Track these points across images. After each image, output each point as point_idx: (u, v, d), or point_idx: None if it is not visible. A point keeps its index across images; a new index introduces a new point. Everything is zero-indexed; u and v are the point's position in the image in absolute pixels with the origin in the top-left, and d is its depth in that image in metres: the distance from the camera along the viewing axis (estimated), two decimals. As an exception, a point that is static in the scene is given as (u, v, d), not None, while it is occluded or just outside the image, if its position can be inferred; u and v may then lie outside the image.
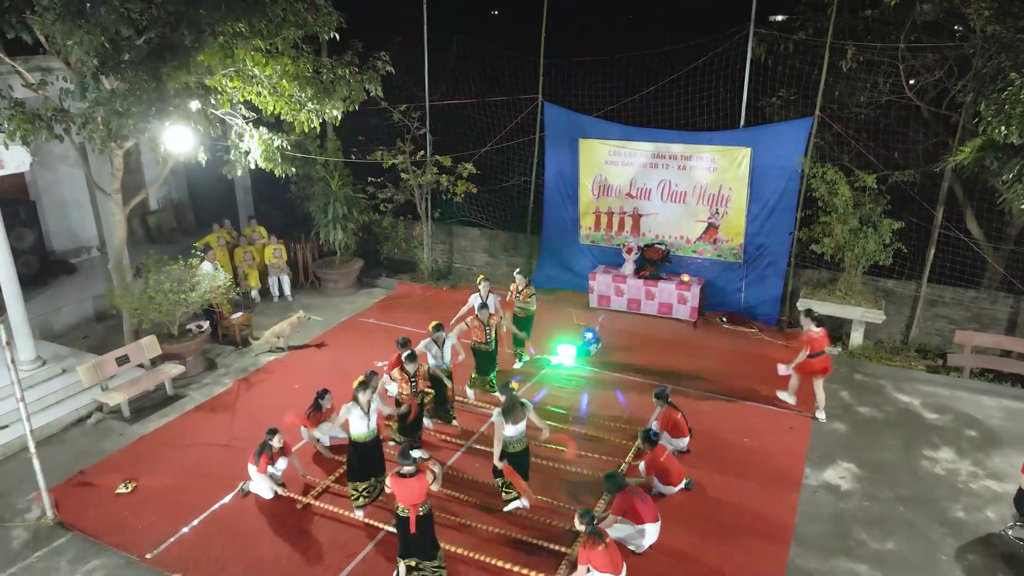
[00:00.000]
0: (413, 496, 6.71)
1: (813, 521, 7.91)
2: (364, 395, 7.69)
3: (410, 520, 6.71)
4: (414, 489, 6.70)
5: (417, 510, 6.74)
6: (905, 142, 11.79)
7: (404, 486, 6.69)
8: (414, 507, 6.72)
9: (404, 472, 6.68)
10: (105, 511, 8.12)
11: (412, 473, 6.68)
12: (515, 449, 7.87)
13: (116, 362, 10.24)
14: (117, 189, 10.84)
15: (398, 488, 6.70)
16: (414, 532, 6.73)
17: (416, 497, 6.72)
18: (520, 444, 7.88)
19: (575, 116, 13.52)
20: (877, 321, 11.45)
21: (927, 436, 9.54)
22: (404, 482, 6.68)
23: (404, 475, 6.68)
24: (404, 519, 6.77)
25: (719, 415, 9.99)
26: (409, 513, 6.72)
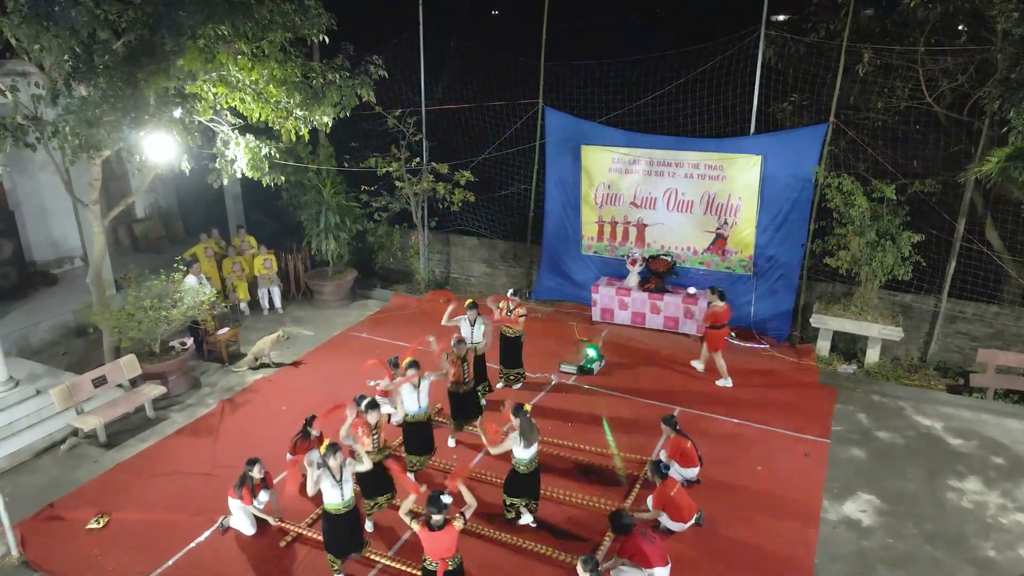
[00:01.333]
0: (443, 550, 6.17)
1: (834, 561, 7.36)
2: (335, 460, 6.62)
3: (438, 574, 6.19)
4: (444, 542, 6.15)
5: (447, 564, 6.20)
6: (924, 150, 11.23)
7: (433, 540, 6.13)
8: (443, 561, 6.19)
9: (433, 524, 6.09)
10: (74, 549, 7.58)
11: (441, 525, 6.10)
12: (526, 470, 7.55)
13: (92, 383, 9.69)
14: (95, 200, 10.29)
15: (427, 541, 6.15)
16: None
17: (446, 550, 6.17)
18: (531, 466, 7.58)
19: (577, 122, 12.97)
20: (895, 338, 10.90)
21: (951, 464, 8.99)
22: (433, 536, 6.11)
23: (433, 527, 6.09)
24: (432, 572, 6.24)
25: (730, 440, 9.44)
26: (437, 567, 6.19)
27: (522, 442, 7.34)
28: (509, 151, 13.64)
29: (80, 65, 8.29)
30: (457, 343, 8.95)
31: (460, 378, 9.03)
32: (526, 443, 7.38)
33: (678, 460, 8.34)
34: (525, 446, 7.39)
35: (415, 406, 8.18)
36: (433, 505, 6.05)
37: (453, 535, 6.17)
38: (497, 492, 8.01)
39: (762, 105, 11.74)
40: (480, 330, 9.89)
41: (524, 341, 10.57)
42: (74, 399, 9.45)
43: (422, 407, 8.21)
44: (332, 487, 6.67)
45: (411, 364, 8.14)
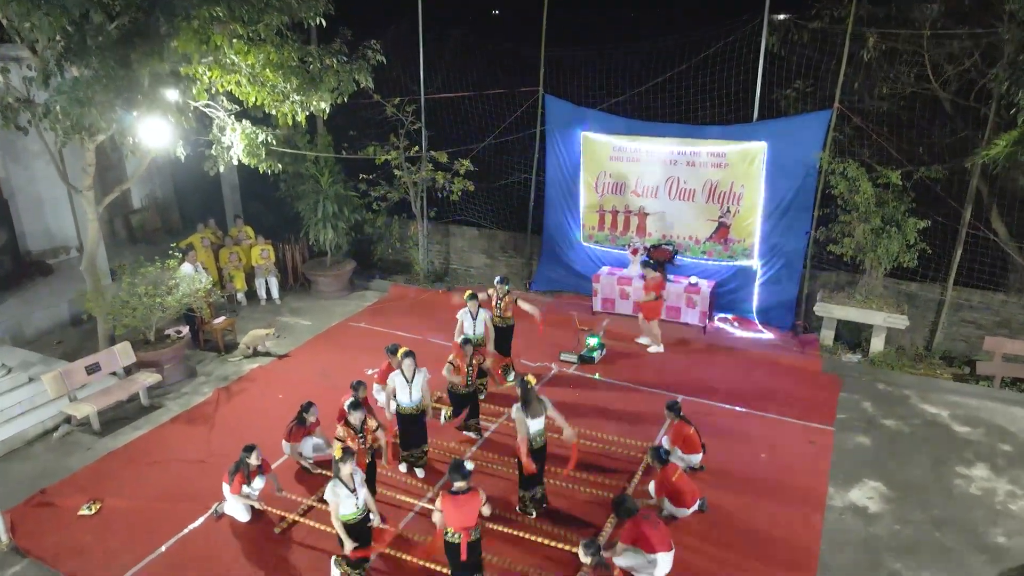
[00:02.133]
0: (466, 518, 6.06)
1: (841, 548, 7.20)
2: (347, 466, 6.26)
3: (461, 546, 6.06)
4: (467, 509, 6.05)
5: (469, 535, 6.09)
6: (930, 137, 11.07)
7: (457, 506, 6.03)
8: (466, 531, 6.07)
9: (456, 489, 6.03)
10: (65, 535, 7.43)
11: (465, 490, 6.03)
12: (534, 447, 7.37)
13: (86, 371, 9.55)
14: (89, 186, 10.14)
15: (450, 508, 6.04)
16: (464, 559, 6.09)
17: (469, 519, 6.07)
18: (538, 442, 7.38)
19: (578, 110, 12.82)
20: (900, 326, 10.74)
21: (959, 451, 8.83)
22: (457, 501, 6.03)
23: (456, 492, 6.03)
24: (455, 545, 6.10)
25: (733, 428, 9.29)
26: (460, 538, 6.05)
27: (526, 412, 7.17)
28: (510, 137, 13.46)
29: (72, 46, 8.16)
30: (464, 343, 8.64)
31: (463, 382, 8.67)
32: (530, 414, 7.21)
33: (681, 446, 8.19)
34: (529, 416, 7.21)
35: (407, 399, 7.95)
36: (456, 472, 6.02)
37: (476, 503, 6.08)
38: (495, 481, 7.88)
39: (765, 92, 11.59)
40: (483, 322, 9.74)
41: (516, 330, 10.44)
42: (67, 386, 9.31)
43: (414, 400, 7.97)
44: (348, 496, 6.28)
45: (406, 354, 7.94)
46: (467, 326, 9.73)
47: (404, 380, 7.91)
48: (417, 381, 7.93)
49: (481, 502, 6.14)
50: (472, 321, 9.72)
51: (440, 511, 6.12)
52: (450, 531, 6.11)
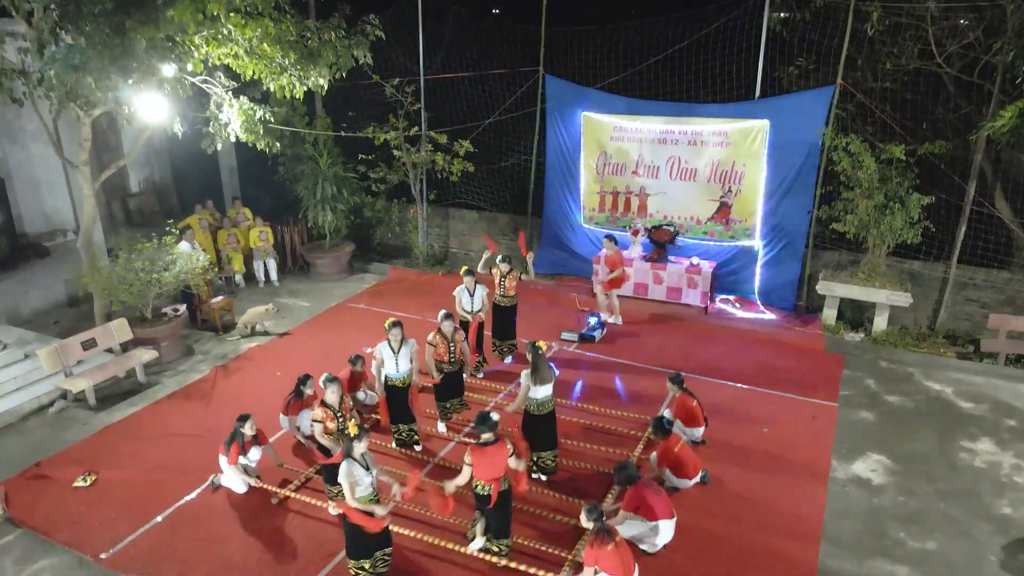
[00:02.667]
0: (494, 469, 6.12)
1: (844, 518, 7.11)
2: (361, 444, 6.00)
3: (491, 497, 6.14)
4: (496, 460, 6.12)
5: (499, 485, 6.17)
6: (933, 113, 10.96)
7: (485, 457, 6.09)
8: (496, 482, 6.14)
9: (484, 441, 6.10)
10: (60, 506, 7.35)
11: (492, 441, 6.10)
12: (540, 412, 7.36)
13: (82, 346, 9.46)
14: (85, 161, 10.06)
15: (478, 460, 6.09)
16: (492, 508, 6.20)
17: (497, 470, 6.14)
18: (546, 407, 7.36)
19: (578, 89, 12.72)
20: (904, 304, 10.64)
21: (963, 426, 8.74)
22: (485, 452, 6.09)
23: (484, 444, 6.10)
24: (485, 496, 6.17)
25: (735, 403, 9.20)
26: (490, 490, 6.12)
27: (534, 379, 7.10)
28: (510, 115, 13.34)
29: (67, 13, 8.07)
30: (445, 318, 8.36)
31: (446, 358, 8.36)
32: (538, 380, 7.16)
33: (683, 419, 8.10)
34: (537, 383, 7.15)
35: (394, 370, 7.85)
36: (483, 423, 6.10)
37: (504, 453, 6.14)
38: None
39: (767, 70, 11.49)
40: (480, 298, 9.64)
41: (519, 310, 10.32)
42: (62, 361, 9.21)
43: (401, 372, 7.86)
44: (364, 476, 5.96)
45: (393, 324, 7.83)
46: (464, 302, 9.63)
47: (391, 351, 7.81)
48: (404, 352, 7.83)
49: (508, 453, 6.19)
50: (469, 298, 9.62)
51: (469, 464, 6.12)
52: (480, 483, 6.16)
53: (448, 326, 8.32)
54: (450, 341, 8.35)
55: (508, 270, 9.99)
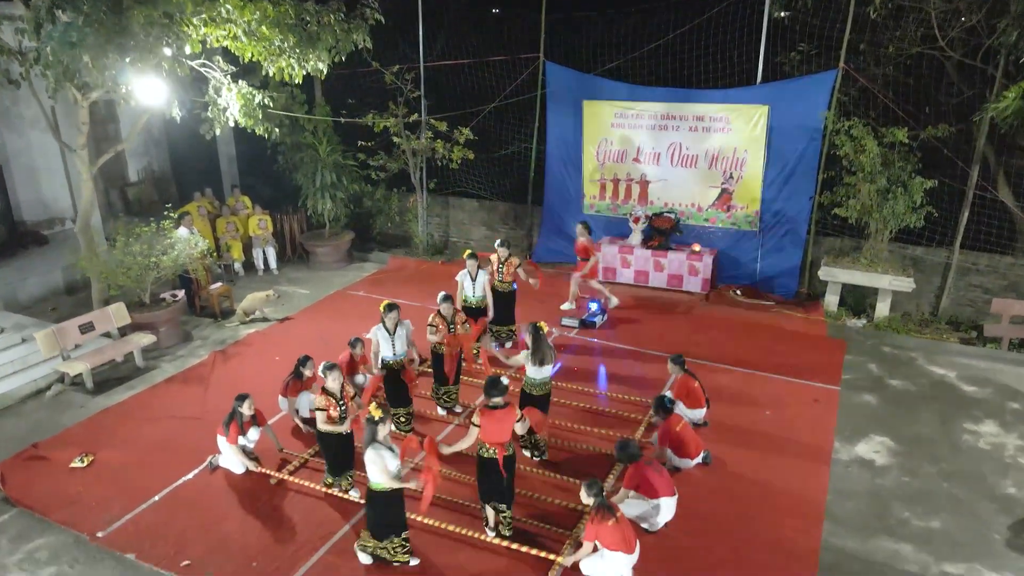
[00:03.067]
0: (502, 433, 6.17)
1: (847, 498, 7.05)
2: (384, 427, 5.82)
3: (498, 461, 6.15)
4: (504, 425, 6.17)
5: (505, 449, 6.20)
6: (936, 97, 10.90)
7: (494, 420, 6.13)
8: (501, 446, 6.17)
9: (493, 405, 6.14)
10: (56, 486, 7.28)
11: (502, 405, 6.16)
12: (537, 392, 7.33)
13: (79, 330, 9.40)
14: (83, 144, 9.99)
15: (488, 423, 6.12)
16: (496, 476, 6.21)
17: (504, 434, 6.18)
18: (542, 388, 7.32)
19: (579, 76, 12.66)
20: (906, 289, 10.58)
21: (967, 409, 8.68)
22: (494, 416, 6.13)
23: (494, 408, 6.14)
24: (490, 460, 6.19)
25: (737, 387, 9.15)
26: (496, 453, 6.15)
27: (533, 359, 7.05)
28: (513, 99, 13.24)
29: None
30: (443, 300, 8.21)
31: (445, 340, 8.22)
32: (537, 360, 7.10)
33: (684, 400, 8.05)
34: (537, 364, 7.10)
35: (389, 352, 7.75)
36: (494, 387, 6.13)
37: (512, 418, 6.21)
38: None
39: (769, 55, 11.43)
40: (482, 283, 9.55)
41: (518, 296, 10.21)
42: (60, 344, 9.16)
43: (397, 354, 7.76)
44: (392, 458, 5.81)
45: (389, 307, 7.70)
46: (466, 287, 9.56)
47: (386, 333, 7.72)
48: (400, 334, 7.73)
49: (516, 418, 6.26)
50: (472, 283, 9.53)
51: (477, 425, 6.15)
52: (485, 447, 6.18)
53: (447, 308, 8.20)
54: (450, 323, 8.23)
55: (507, 255, 9.92)
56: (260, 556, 6.31)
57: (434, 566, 6.19)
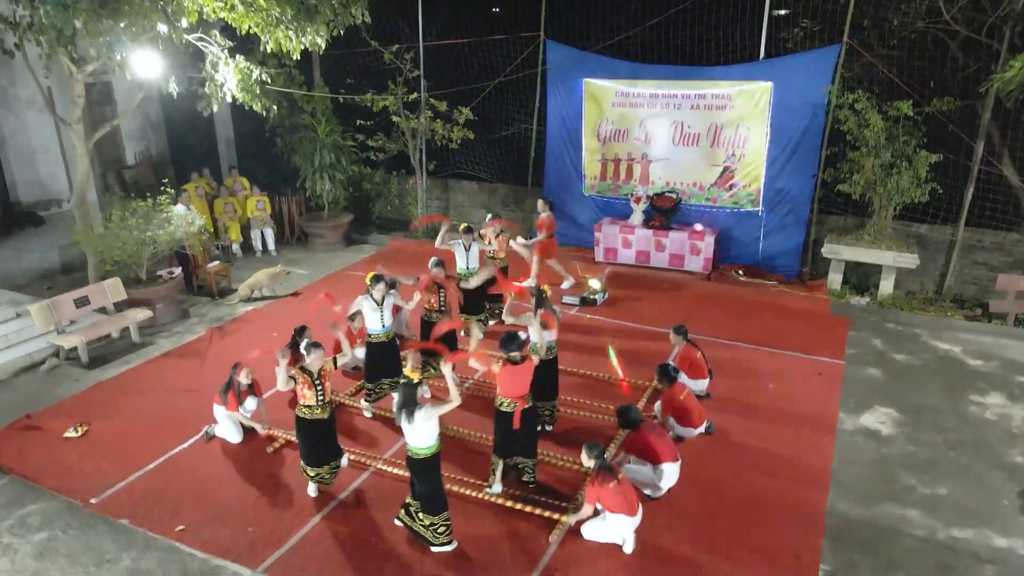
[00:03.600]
0: (521, 387, 6.20)
1: (852, 466, 6.95)
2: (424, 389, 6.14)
3: (515, 415, 6.15)
4: (523, 379, 6.20)
5: (525, 402, 6.24)
6: (941, 72, 10.76)
7: (513, 375, 6.15)
8: (521, 399, 6.21)
9: (511, 359, 6.12)
10: (50, 455, 7.18)
11: (519, 360, 6.14)
12: (549, 356, 7.07)
13: (74, 304, 9.29)
14: (78, 118, 9.89)
15: (507, 377, 6.14)
16: (518, 428, 6.18)
17: (524, 388, 6.22)
18: (548, 354, 7.12)
19: (580, 55, 12.54)
20: (911, 266, 10.47)
21: (972, 382, 8.57)
22: (513, 370, 6.13)
23: (512, 362, 6.13)
24: (508, 415, 6.19)
25: (739, 361, 9.04)
26: (515, 407, 6.17)
27: (538, 322, 6.92)
28: (514, 76, 13.10)
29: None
30: (435, 265, 8.07)
31: (435, 305, 8.12)
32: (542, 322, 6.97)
33: (687, 371, 7.93)
34: (544, 328, 6.95)
35: (377, 325, 7.42)
36: (511, 342, 6.11)
37: (530, 371, 6.22)
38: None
39: (772, 32, 11.31)
40: (476, 256, 9.40)
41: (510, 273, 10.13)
42: (54, 317, 9.05)
43: (385, 326, 7.46)
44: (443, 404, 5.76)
45: (376, 278, 7.38)
46: (459, 259, 9.34)
47: (374, 304, 7.40)
48: (388, 305, 7.45)
49: (532, 372, 6.27)
50: (465, 254, 9.34)
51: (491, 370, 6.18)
52: (505, 401, 6.20)
53: (439, 272, 8.07)
54: (440, 286, 8.08)
55: (499, 230, 9.79)
56: (256, 521, 6.21)
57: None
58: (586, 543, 5.88)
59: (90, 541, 6.01)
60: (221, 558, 5.79)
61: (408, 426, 5.56)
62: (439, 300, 8.18)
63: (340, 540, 5.98)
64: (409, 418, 5.52)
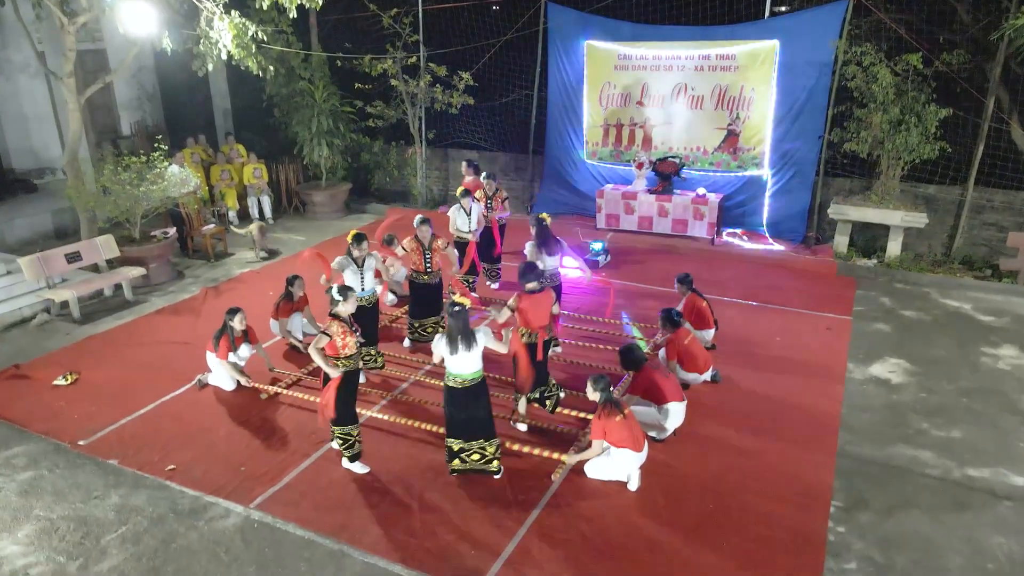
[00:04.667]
0: (542, 317, 6.21)
1: (863, 411, 6.75)
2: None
3: (537, 345, 6.19)
4: (542, 309, 6.21)
5: (545, 333, 6.27)
6: (952, 26, 10.55)
7: (533, 304, 6.14)
8: (542, 330, 6.23)
9: (530, 289, 6.13)
10: (38, 401, 7.00)
11: (538, 289, 6.19)
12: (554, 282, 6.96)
13: (66, 259, 9.09)
14: (70, 72, 9.68)
15: (529, 306, 6.12)
16: (540, 359, 6.23)
17: (544, 318, 6.23)
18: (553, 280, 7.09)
19: (582, 16, 12.34)
20: (919, 225, 10.26)
21: (984, 335, 8.38)
22: (533, 299, 6.13)
23: (531, 292, 6.13)
24: (531, 345, 6.18)
25: (746, 317, 8.86)
26: (536, 337, 6.20)
27: (543, 251, 6.81)
28: (514, 36, 12.86)
29: None
30: (422, 223, 7.62)
31: (421, 267, 7.69)
32: (547, 252, 6.95)
33: (692, 320, 7.71)
34: (545, 255, 6.83)
35: (357, 287, 6.90)
36: (530, 272, 6.16)
37: (549, 301, 6.27)
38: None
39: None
40: (476, 215, 9.06)
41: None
42: (44, 271, 8.85)
43: (366, 289, 7.03)
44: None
45: (358, 237, 6.92)
46: (460, 221, 8.97)
47: (355, 266, 6.91)
48: (369, 265, 6.99)
49: (552, 300, 6.31)
50: (467, 216, 9.00)
51: (513, 308, 6.10)
52: (525, 331, 6.18)
53: (425, 230, 7.57)
54: (426, 249, 7.59)
55: (495, 188, 9.58)
56: (249, 462, 6.02)
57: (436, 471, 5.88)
58: (590, 481, 5.69)
59: (77, 479, 5.82)
60: (212, 495, 5.60)
61: (465, 353, 5.36)
62: (425, 260, 7.67)
63: (335, 479, 5.79)
64: (469, 343, 5.35)
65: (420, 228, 7.63)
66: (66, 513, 5.43)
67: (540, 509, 5.41)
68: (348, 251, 6.96)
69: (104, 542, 5.13)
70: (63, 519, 5.37)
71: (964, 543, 5.05)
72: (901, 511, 5.37)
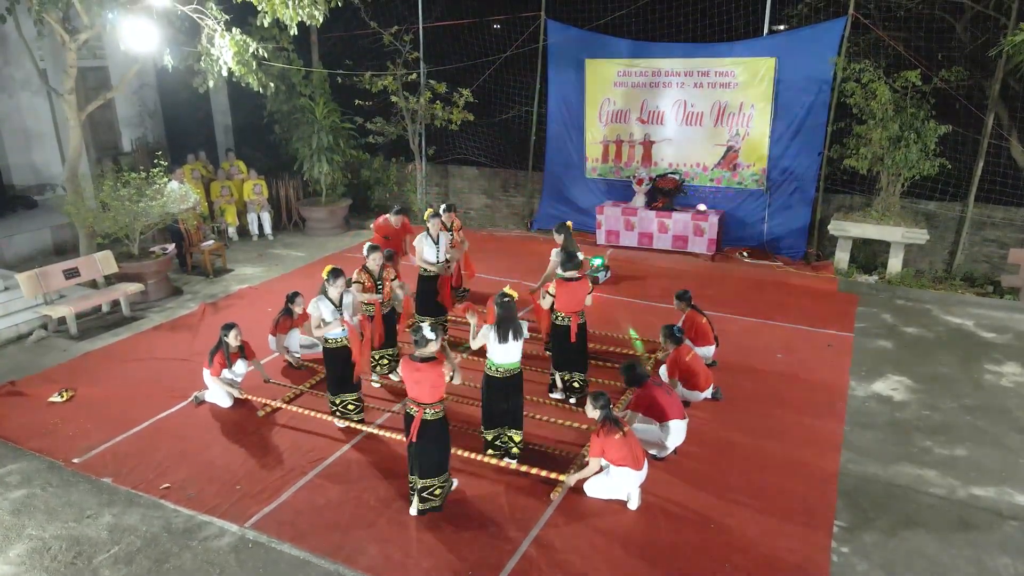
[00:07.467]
0: (576, 303, 6.66)
1: (866, 429, 6.68)
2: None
3: (571, 328, 6.66)
4: (577, 294, 6.65)
5: (578, 318, 6.71)
6: (949, 44, 10.59)
7: (568, 291, 6.61)
8: (575, 315, 6.68)
9: (568, 276, 6.59)
10: (33, 418, 6.93)
11: (576, 277, 6.63)
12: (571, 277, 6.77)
13: (64, 275, 9.06)
14: (71, 89, 9.71)
15: (563, 293, 6.61)
16: (573, 342, 6.70)
17: (579, 304, 6.68)
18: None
19: (581, 34, 12.39)
20: (920, 242, 10.24)
21: (987, 352, 8.32)
22: (569, 286, 6.60)
23: (569, 279, 6.60)
24: (565, 328, 6.70)
25: (747, 333, 8.80)
26: (570, 321, 6.66)
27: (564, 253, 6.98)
28: (513, 53, 12.91)
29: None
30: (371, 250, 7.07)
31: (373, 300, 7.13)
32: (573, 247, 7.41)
33: (692, 337, 7.66)
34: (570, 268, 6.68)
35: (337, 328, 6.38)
36: (570, 261, 6.62)
37: (585, 288, 6.69)
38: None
39: (776, 8, 11.15)
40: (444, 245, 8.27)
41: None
42: (42, 287, 8.81)
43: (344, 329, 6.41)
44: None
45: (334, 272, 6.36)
46: (427, 252, 8.11)
47: (332, 306, 6.36)
48: (347, 303, 6.46)
49: (589, 289, 6.73)
50: (434, 246, 8.13)
51: (553, 296, 6.63)
52: (560, 315, 6.71)
53: (375, 260, 6.97)
54: (377, 280, 7.04)
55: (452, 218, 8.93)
56: (245, 480, 5.95)
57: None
58: (589, 500, 5.61)
59: (71, 498, 5.75)
60: (207, 514, 5.52)
61: (513, 343, 5.70)
62: (377, 291, 7.09)
63: (331, 498, 5.71)
64: (517, 333, 5.71)
65: (369, 257, 7.00)
66: (59, 532, 5.36)
67: (539, 528, 5.33)
68: (323, 289, 6.38)
69: (96, 562, 5.05)
70: (55, 538, 5.29)
71: (970, 564, 4.97)
72: (905, 531, 5.30)
